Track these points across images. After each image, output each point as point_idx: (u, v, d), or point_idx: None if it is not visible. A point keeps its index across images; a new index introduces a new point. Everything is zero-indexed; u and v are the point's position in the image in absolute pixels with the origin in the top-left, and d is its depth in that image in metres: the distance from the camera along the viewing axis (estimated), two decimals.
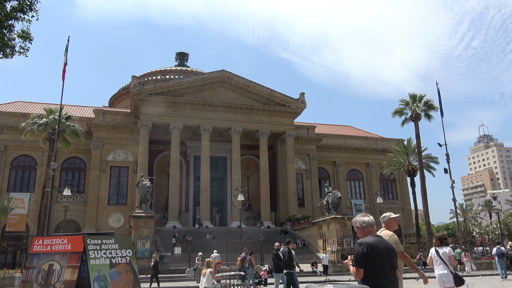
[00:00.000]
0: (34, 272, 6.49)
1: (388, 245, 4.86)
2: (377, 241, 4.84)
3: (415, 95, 42.35)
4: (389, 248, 4.83)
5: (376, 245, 4.77)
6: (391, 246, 4.88)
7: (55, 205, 38.52)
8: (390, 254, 4.79)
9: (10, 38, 13.88)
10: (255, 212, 49.11)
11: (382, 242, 4.84)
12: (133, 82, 44.73)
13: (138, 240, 31.61)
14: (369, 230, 4.99)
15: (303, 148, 52.40)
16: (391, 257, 4.79)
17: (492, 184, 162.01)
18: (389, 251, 4.80)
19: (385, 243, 4.86)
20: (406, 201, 56.78)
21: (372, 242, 4.80)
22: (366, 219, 5.09)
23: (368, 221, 5.03)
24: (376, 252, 4.71)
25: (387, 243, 4.88)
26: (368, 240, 4.84)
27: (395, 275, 4.78)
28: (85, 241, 6.55)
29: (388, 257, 4.76)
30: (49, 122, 35.17)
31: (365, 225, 5.02)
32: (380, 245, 4.78)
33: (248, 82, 48.12)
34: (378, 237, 4.91)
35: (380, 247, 4.76)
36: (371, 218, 5.12)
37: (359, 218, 5.12)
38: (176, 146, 44.93)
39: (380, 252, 4.72)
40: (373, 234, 4.97)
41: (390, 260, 4.77)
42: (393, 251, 4.86)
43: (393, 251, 4.86)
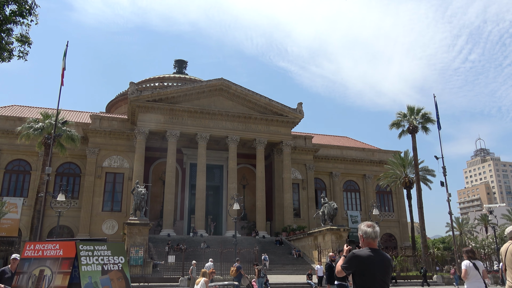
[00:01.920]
0: (25, 278, 6.34)
1: (382, 259, 4.79)
2: (371, 255, 4.79)
3: (412, 107, 42.53)
4: (383, 262, 4.77)
5: (369, 259, 4.76)
6: (387, 261, 4.80)
7: (49, 210, 38.20)
8: (384, 269, 4.75)
9: (8, 42, 13.80)
10: (251, 221, 48.84)
11: (376, 256, 4.78)
12: (131, 89, 44.68)
13: (131, 247, 31.29)
14: (368, 242, 4.91)
15: (300, 158, 52.35)
16: (385, 271, 4.75)
17: (489, 198, 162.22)
18: (383, 265, 4.75)
19: (380, 257, 4.79)
20: (402, 214, 56.67)
21: (364, 255, 4.79)
22: (369, 230, 4.97)
23: (370, 234, 4.92)
24: (368, 265, 4.71)
25: (382, 257, 4.81)
26: (362, 253, 4.83)
27: None
28: (77, 247, 6.41)
29: (381, 271, 4.73)
30: (45, 127, 34.99)
31: (366, 237, 4.94)
32: (372, 259, 4.75)
33: (246, 91, 48.17)
34: (374, 251, 4.83)
35: (372, 261, 4.74)
36: (375, 231, 4.96)
37: (362, 227, 5.02)
38: (173, 153, 44.78)
39: (372, 266, 4.71)
40: (370, 247, 4.88)
41: (384, 274, 4.74)
42: (388, 266, 4.81)
43: (388, 266, 4.81)
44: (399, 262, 38.60)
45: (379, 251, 4.88)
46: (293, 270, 35.94)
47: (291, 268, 36.78)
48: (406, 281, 31.40)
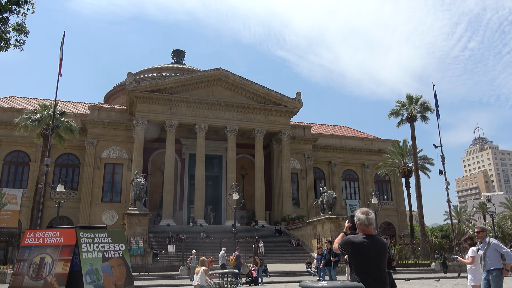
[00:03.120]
0: (25, 265, 6.36)
1: (376, 244, 4.83)
2: (364, 241, 4.84)
3: (411, 96, 42.44)
4: (377, 247, 4.81)
5: (362, 245, 4.81)
6: (381, 246, 4.84)
7: (48, 201, 38.27)
8: (378, 254, 4.79)
9: (5, 31, 13.69)
10: (250, 211, 49.03)
11: (370, 242, 4.83)
12: (129, 79, 44.51)
13: (131, 237, 31.38)
14: (362, 228, 4.95)
15: (298, 148, 52.38)
16: (379, 256, 4.80)
17: (487, 186, 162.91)
18: (377, 250, 4.79)
19: (374, 242, 4.83)
20: (401, 202, 56.91)
21: (358, 241, 4.85)
22: (362, 217, 4.99)
23: (363, 220, 4.95)
24: (361, 251, 4.79)
25: (377, 243, 4.84)
26: (355, 239, 4.89)
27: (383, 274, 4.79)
28: (78, 234, 6.42)
29: (375, 256, 4.78)
30: (43, 118, 34.88)
31: (360, 223, 4.98)
32: (366, 245, 4.80)
33: (245, 81, 48.02)
34: (368, 237, 4.88)
35: (366, 247, 4.79)
36: (368, 217, 4.97)
37: (357, 213, 5.06)
38: (171, 144, 44.77)
39: (365, 251, 4.78)
40: (365, 233, 4.92)
41: (378, 259, 4.78)
42: (382, 250, 4.84)
43: (382, 250, 4.84)
44: (398, 250, 38.83)
45: (374, 236, 4.91)
46: (292, 258, 36.17)
47: (290, 256, 37.01)
48: (405, 268, 31.62)
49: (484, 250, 9.08)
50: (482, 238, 9.34)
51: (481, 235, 9.38)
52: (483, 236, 9.38)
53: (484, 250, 9.10)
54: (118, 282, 6.62)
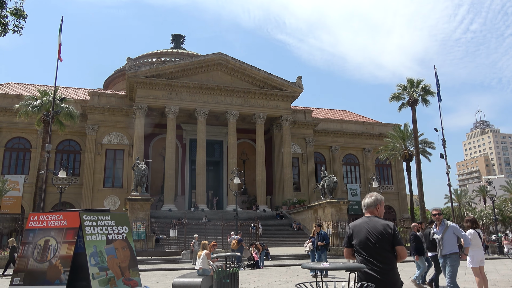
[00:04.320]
0: (30, 248, 6.41)
1: (374, 226, 4.68)
2: (363, 222, 4.78)
3: (412, 80, 42.18)
4: (374, 229, 4.66)
5: (360, 226, 4.75)
6: (379, 228, 4.65)
7: (50, 187, 38.45)
8: (374, 236, 4.64)
9: (3, 16, 13.57)
10: (251, 196, 49.25)
11: (368, 223, 4.73)
12: (129, 64, 44.27)
13: (134, 222, 31.59)
14: (367, 211, 4.93)
15: (299, 133, 52.36)
16: (376, 238, 4.63)
17: (487, 170, 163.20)
18: (374, 232, 4.65)
19: (372, 223, 4.71)
20: (402, 186, 57.11)
21: (357, 223, 4.83)
22: (364, 201, 4.98)
23: (364, 204, 4.96)
24: (359, 233, 4.73)
25: (373, 223, 4.71)
26: (355, 222, 4.88)
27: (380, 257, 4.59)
28: (81, 217, 6.46)
29: (372, 239, 4.63)
30: (44, 104, 34.76)
31: (364, 208, 4.97)
32: (365, 225, 4.72)
33: (245, 65, 47.75)
34: (368, 218, 4.81)
35: (363, 228, 4.71)
36: (368, 200, 4.92)
37: (363, 200, 5.02)
38: (172, 129, 44.75)
39: (362, 233, 4.70)
40: (366, 216, 4.89)
41: (375, 241, 4.62)
42: (380, 233, 4.64)
43: (380, 233, 4.64)
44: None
45: (373, 218, 4.82)
46: (294, 242, 36.45)
47: (291, 240, 37.31)
48: None
49: (442, 233, 8.75)
50: (440, 221, 8.99)
51: (438, 218, 9.02)
52: (441, 219, 9.03)
53: (441, 233, 8.76)
54: (122, 264, 6.68)
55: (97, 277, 6.16)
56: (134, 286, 6.69)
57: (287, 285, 14.22)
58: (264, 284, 14.75)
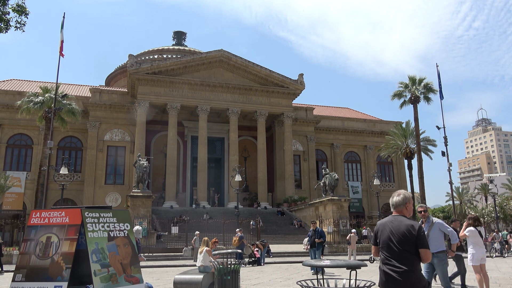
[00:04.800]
0: (32, 244, 6.43)
1: (397, 226, 4.63)
2: (388, 221, 4.75)
3: (414, 77, 42.12)
4: (397, 229, 4.61)
5: (385, 225, 4.74)
6: (402, 228, 4.58)
7: (52, 184, 38.50)
8: (396, 236, 4.58)
9: (5, 12, 13.57)
10: (252, 193, 49.29)
11: (393, 222, 4.69)
12: (130, 61, 44.27)
13: (135, 219, 31.65)
14: (394, 210, 4.86)
15: (301, 130, 52.35)
16: (398, 239, 4.56)
17: (489, 168, 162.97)
18: (396, 232, 4.60)
19: (396, 223, 4.66)
20: (403, 184, 57.06)
21: (383, 221, 4.82)
22: (394, 200, 4.87)
23: (392, 202, 4.88)
24: (383, 232, 4.72)
25: (398, 224, 4.64)
26: (382, 220, 4.86)
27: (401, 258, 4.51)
28: (83, 214, 6.47)
29: (393, 239, 4.58)
30: (45, 101, 34.81)
31: (393, 207, 4.87)
32: (389, 224, 4.69)
33: (247, 63, 47.72)
34: (393, 218, 4.77)
35: (387, 227, 4.69)
36: (397, 199, 4.84)
37: (391, 198, 4.97)
38: (174, 126, 44.77)
39: (385, 232, 4.68)
40: (393, 215, 4.84)
41: (396, 242, 4.56)
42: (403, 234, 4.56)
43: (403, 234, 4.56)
44: None
45: (398, 217, 4.76)
46: (295, 239, 36.52)
47: (292, 237, 37.36)
48: None
49: (427, 230, 8.42)
50: (425, 218, 8.69)
51: (424, 215, 8.72)
52: (426, 215, 8.73)
53: (427, 230, 8.40)
54: (124, 260, 6.70)
55: (99, 273, 6.19)
56: (135, 282, 6.72)
57: (288, 282, 14.25)
58: (265, 281, 14.79)
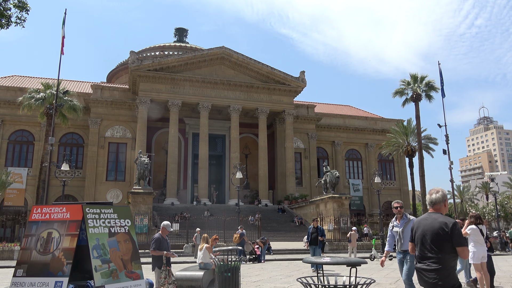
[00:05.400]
0: (33, 240, 6.45)
1: (431, 223, 4.61)
2: (423, 218, 4.77)
3: (416, 75, 42.04)
4: (431, 227, 4.60)
5: (419, 222, 4.76)
6: (435, 226, 4.55)
7: (53, 180, 38.57)
8: (430, 234, 4.57)
9: (6, 8, 13.58)
10: (253, 190, 49.32)
11: (427, 219, 4.69)
12: (131, 58, 44.25)
13: (136, 216, 31.74)
14: (432, 208, 4.84)
15: (302, 127, 52.30)
16: (431, 236, 4.55)
17: (490, 166, 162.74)
18: (430, 230, 4.59)
19: (430, 220, 4.65)
20: (404, 182, 57.05)
21: (418, 219, 4.85)
22: (431, 197, 4.84)
23: (430, 200, 4.84)
24: (417, 229, 4.74)
25: (432, 221, 4.62)
26: (419, 218, 4.88)
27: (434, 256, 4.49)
28: (84, 209, 6.49)
29: (426, 237, 4.58)
30: (47, 97, 34.83)
31: (431, 204, 4.84)
32: (423, 222, 4.70)
33: (248, 60, 47.65)
34: (428, 215, 4.77)
35: (421, 224, 4.71)
36: (435, 196, 4.80)
37: (427, 195, 4.93)
38: (175, 123, 44.77)
39: (419, 229, 4.70)
40: (429, 212, 4.84)
41: (429, 240, 4.55)
42: (436, 231, 4.54)
43: (436, 231, 4.54)
44: None
45: (433, 214, 4.73)
46: (295, 237, 36.53)
47: (293, 235, 37.39)
48: None
49: (402, 227, 8.17)
50: (401, 215, 8.43)
51: (399, 211, 8.44)
52: (402, 212, 8.46)
53: (402, 227, 8.18)
54: (124, 256, 6.72)
55: (99, 269, 6.20)
56: (136, 278, 6.73)
57: (288, 279, 14.27)
58: (266, 278, 14.81)
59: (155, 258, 9.29)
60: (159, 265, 9.14)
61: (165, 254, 9.06)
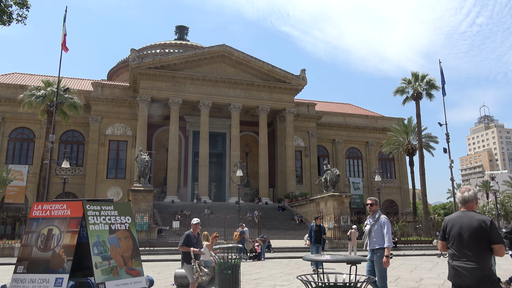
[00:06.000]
0: (34, 237, 6.46)
1: (468, 221, 4.59)
2: (458, 216, 4.71)
3: (417, 74, 42.05)
4: (468, 224, 4.57)
5: (455, 221, 4.69)
6: (474, 223, 4.53)
7: (54, 177, 38.60)
8: (468, 231, 4.55)
9: (7, 5, 13.59)
10: (254, 188, 49.36)
11: (463, 217, 4.65)
12: (132, 56, 44.22)
13: (136, 213, 31.75)
14: (464, 206, 4.82)
15: (302, 126, 52.30)
16: (469, 234, 4.53)
17: (491, 165, 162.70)
18: (468, 227, 4.56)
19: (466, 218, 4.62)
20: (404, 180, 57.06)
21: (452, 217, 4.79)
22: (465, 195, 4.82)
23: (462, 198, 4.82)
24: (453, 227, 4.68)
25: (470, 219, 4.60)
26: (451, 215, 4.83)
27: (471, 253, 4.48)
28: (84, 206, 6.49)
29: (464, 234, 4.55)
30: (47, 95, 34.86)
31: (462, 202, 4.84)
32: (459, 220, 4.65)
33: (249, 58, 47.62)
34: (463, 213, 4.74)
35: (457, 222, 4.65)
36: (467, 195, 4.80)
37: (459, 193, 4.90)
38: (175, 121, 44.78)
39: (455, 227, 4.64)
40: (462, 210, 4.80)
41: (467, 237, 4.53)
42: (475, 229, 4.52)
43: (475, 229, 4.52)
44: (400, 227, 39.21)
45: (469, 212, 4.71)
46: (295, 235, 36.58)
47: (293, 233, 37.42)
48: (406, 245, 31.93)
49: (371, 225, 7.75)
50: (373, 212, 7.92)
51: (373, 208, 7.92)
52: (375, 209, 7.93)
53: (371, 225, 7.75)
54: (125, 253, 6.73)
55: (100, 266, 6.22)
56: (136, 275, 6.75)
57: (288, 277, 14.28)
58: (266, 276, 14.82)
59: (184, 254, 9.41)
60: (187, 261, 9.26)
61: (192, 250, 9.17)
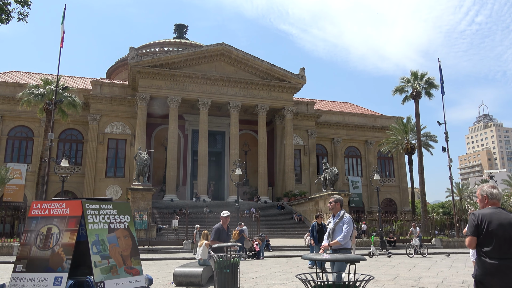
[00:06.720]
0: (33, 235, 6.46)
1: (506, 217, 4.52)
2: (493, 212, 4.61)
3: (416, 72, 42.04)
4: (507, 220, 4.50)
5: (491, 216, 4.57)
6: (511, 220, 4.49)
7: (53, 176, 38.53)
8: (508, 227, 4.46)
9: (6, 3, 13.56)
10: (252, 187, 49.37)
11: (499, 213, 4.58)
12: (131, 54, 44.16)
13: (135, 212, 31.73)
14: (493, 202, 4.74)
15: (301, 124, 52.31)
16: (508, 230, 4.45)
17: (490, 164, 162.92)
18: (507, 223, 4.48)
19: (504, 214, 4.56)
20: (403, 179, 57.12)
21: (486, 212, 4.63)
22: (495, 192, 4.74)
23: (496, 194, 4.74)
24: (489, 224, 4.53)
25: (507, 216, 4.54)
26: (484, 211, 4.68)
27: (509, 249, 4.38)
28: (84, 205, 6.49)
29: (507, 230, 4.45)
30: (46, 93, 34.79)
31: (491, 197, 4.74)
32: (495, 216, 4.56)
33: (248, 56, 47.59)
34: (497, 209, 4.65)
35: (494, 218, 4.55)
36: (496, 191, 4.75)
37: (487, 188, 4.80)
38: (174, 119, 44.76)
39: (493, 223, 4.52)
40: (494, 206, 4.71)
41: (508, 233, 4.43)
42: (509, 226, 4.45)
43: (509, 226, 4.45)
44: (399, 226, 39.26)
45: (501, 209, 4.66)
46: (294, 234, 36.61)
47: (292, 232, 37.46)
48: (405, 244, 31.95)
49: (334, 224, 7.47)
50: (336, 211, 7.63)
51: (334, 207, 7.65)
52: (338, 208, 7.64)
53: (334, 223, 7.48)
54: (124, 252, 6.73)
55: (99, 265, 6.21)
56: (135, 274, 6.75)
57: (287, 276, 14.29)
58: (265, 275, 14.84)
59: (214, 248, 9.35)
60: None
61: None
